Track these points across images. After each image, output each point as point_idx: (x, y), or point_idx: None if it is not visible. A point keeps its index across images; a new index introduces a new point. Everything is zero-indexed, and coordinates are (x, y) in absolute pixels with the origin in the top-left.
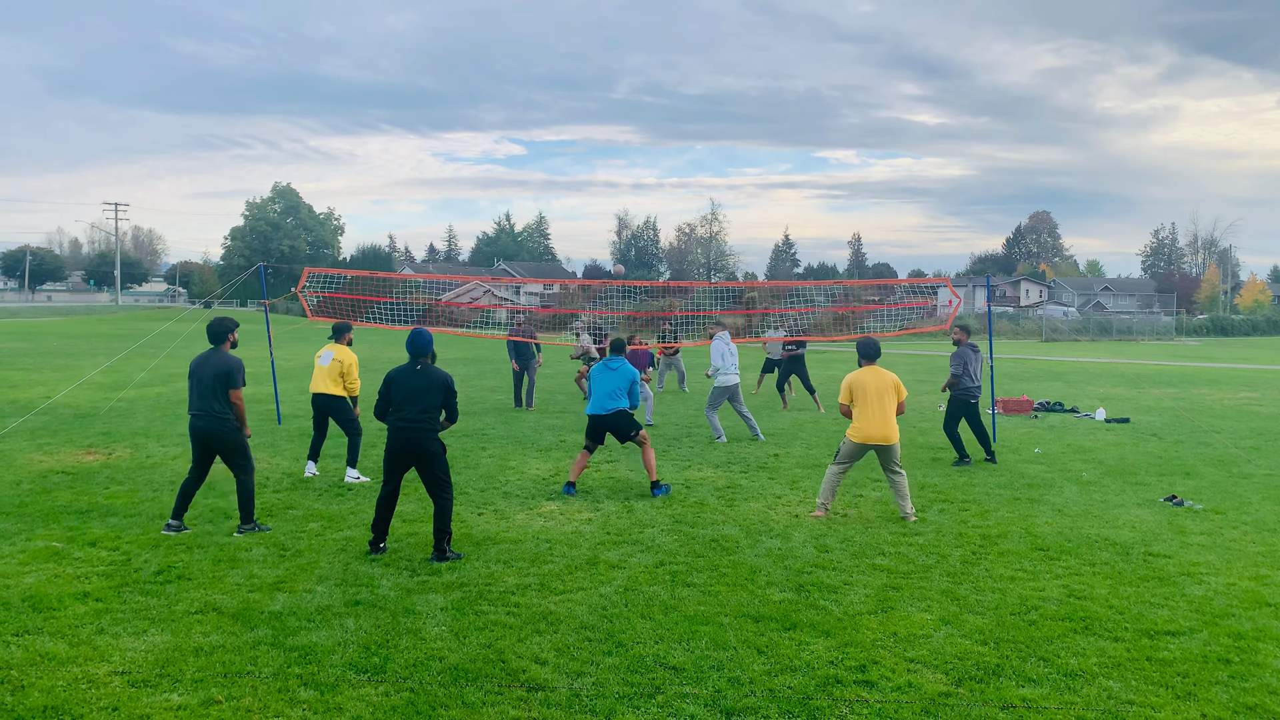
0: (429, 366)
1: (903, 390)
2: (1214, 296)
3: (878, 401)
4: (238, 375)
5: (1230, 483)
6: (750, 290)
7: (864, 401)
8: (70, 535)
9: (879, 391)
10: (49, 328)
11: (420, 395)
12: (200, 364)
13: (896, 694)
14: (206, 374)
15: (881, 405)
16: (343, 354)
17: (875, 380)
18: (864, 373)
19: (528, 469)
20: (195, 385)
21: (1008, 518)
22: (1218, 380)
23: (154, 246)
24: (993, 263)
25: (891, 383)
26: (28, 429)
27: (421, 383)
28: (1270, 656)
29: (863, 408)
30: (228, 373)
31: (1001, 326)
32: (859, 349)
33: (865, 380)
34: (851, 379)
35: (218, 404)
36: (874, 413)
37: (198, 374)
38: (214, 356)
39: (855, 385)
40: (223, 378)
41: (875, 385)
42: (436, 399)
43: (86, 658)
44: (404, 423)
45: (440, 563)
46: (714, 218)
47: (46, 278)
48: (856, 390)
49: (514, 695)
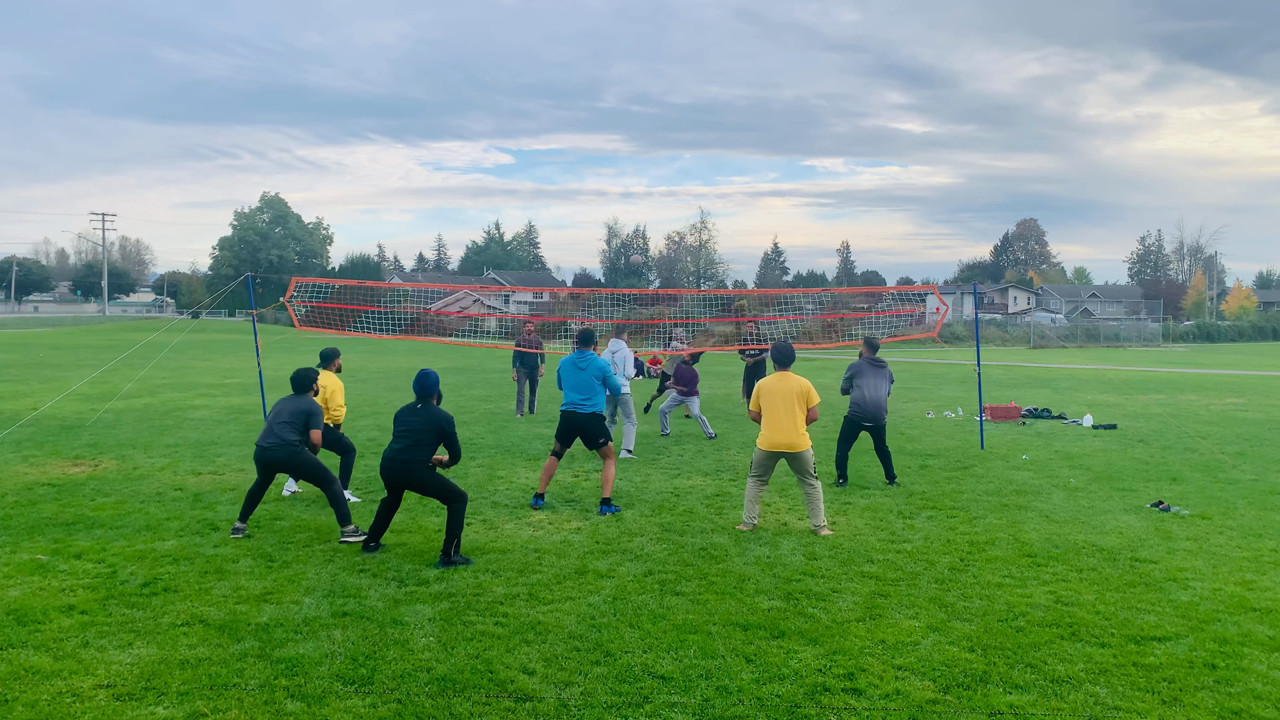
0: (430, 407)
1: (814, 397)
2: (1200, 303)
3: (785, 409)
4: (317, 418)
5: (1216, 488)
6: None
7: (771, 409)
8: (56, 547)
9: (786, 398)
10: (36, 339)
11: (413, 434)
12: (281, 405)
13: (884, 701)
14: (286, 410)
15: (790, 413)
16: (325, 379)
17: (783, 386)
18: (773, 379)
19: (516, 478)
20: (271, 421)
21: (995, 524)
22: (1204, 386)
23: (141, 257)
24: (981, 270)
25: (800, 390)
26: (13, 440)
27: (419, 423)
28: (1256, 661)
29: (770, 415)
30: (309, 413)
31: (989, 333)
32: (772, 354)
33: (773, 386)
34: (760, 385)
35: (291, 434)
36: (781, 420)
37: (278, 412)
38: (299, 400)
39: (763, 391)
40: (302, 415)
41: (782, 392)
42: (430, 439)
43: (71, 671)
44: (392, 456)
45: (445, 568)
46: (703, 226)
47: (33, 288)
48: (764, 397)
49: (502, 706)
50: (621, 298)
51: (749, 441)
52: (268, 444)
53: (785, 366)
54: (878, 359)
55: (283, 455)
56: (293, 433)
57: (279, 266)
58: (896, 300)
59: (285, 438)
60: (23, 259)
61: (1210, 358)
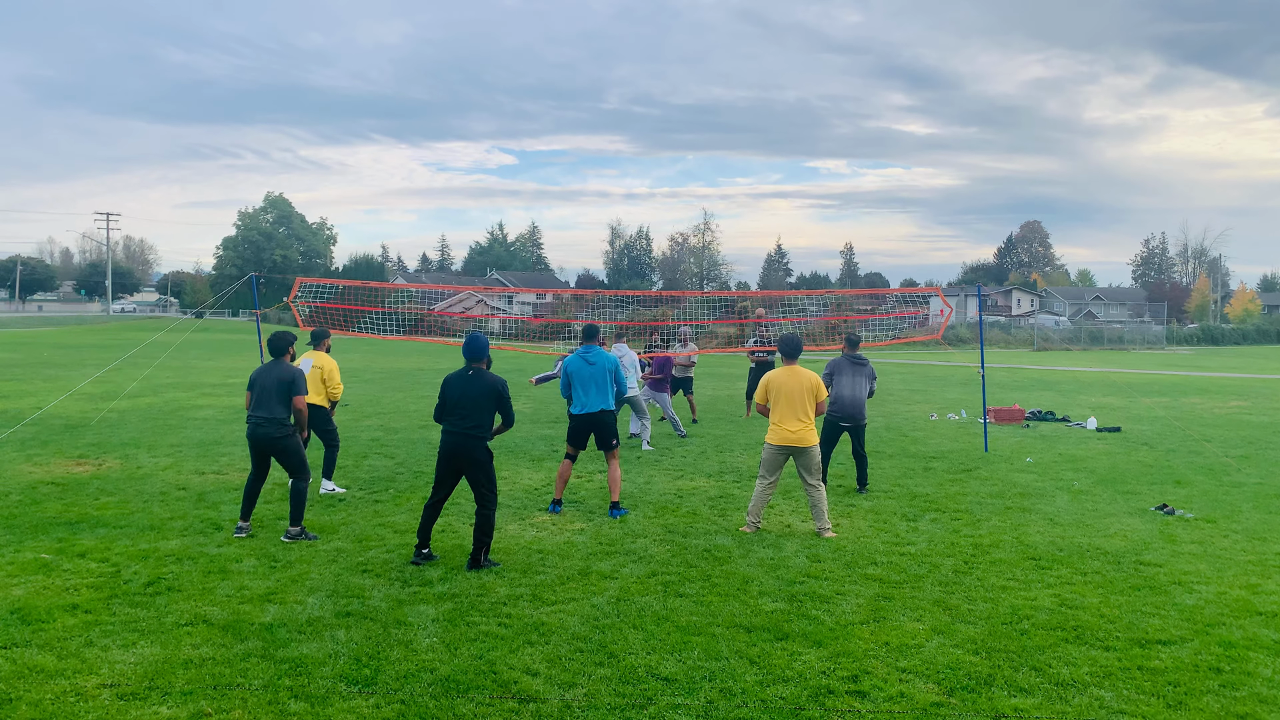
0: (482, 372)
1: (822, 392)
2: (1204, 306)
3: (797, 403)
4: (301, 383)
5: (1221, 491)
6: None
7: (780, 403)
8: (59, 547)
9: (796, 393)
10: (40, 338)
11: (471, 402)
12: (263, 374)
13: (888, 704)
14: (270, 382)
15: (800, 407)
16: (322, 360)
17: (793, 381)
18: (782, 373)
19: (520, 479)
20: (259, 393)
21: (999, 527)
22: (1208, 389)
23: (145, 256)
24: (985, 272)
25: (810, 385)
26: (17, 439)
27: (474, 389)
28: (1261, 665)
29: (778, 409)
30: (291, 380)
31: (993, 336)
32: (780, 346)
33: (783, 380)
34: (769, 378)
35: (280, 409)
36: (790, 415)
37: (261, 382)
38: (276, 368)
39: (772, 385)
40: (286, 385)
41: (793, 386)
42: (488, 405)
43: (75, 670)
44: (453, 429)
45: (475, 570)
46: (706, 227)
47: (37, 288)
48: (774, 391)
49: (505, 707)
50: (625, 299)
51: (752, 443)
52: (260, 417)
53: (793, 359)
54: (858, 356)
55: (274, 433)
56: (281, 407)
57: (283, 266)
58: (900, 302)
59: (275, 414)
60: (27, 258)
61: (1214, 361)
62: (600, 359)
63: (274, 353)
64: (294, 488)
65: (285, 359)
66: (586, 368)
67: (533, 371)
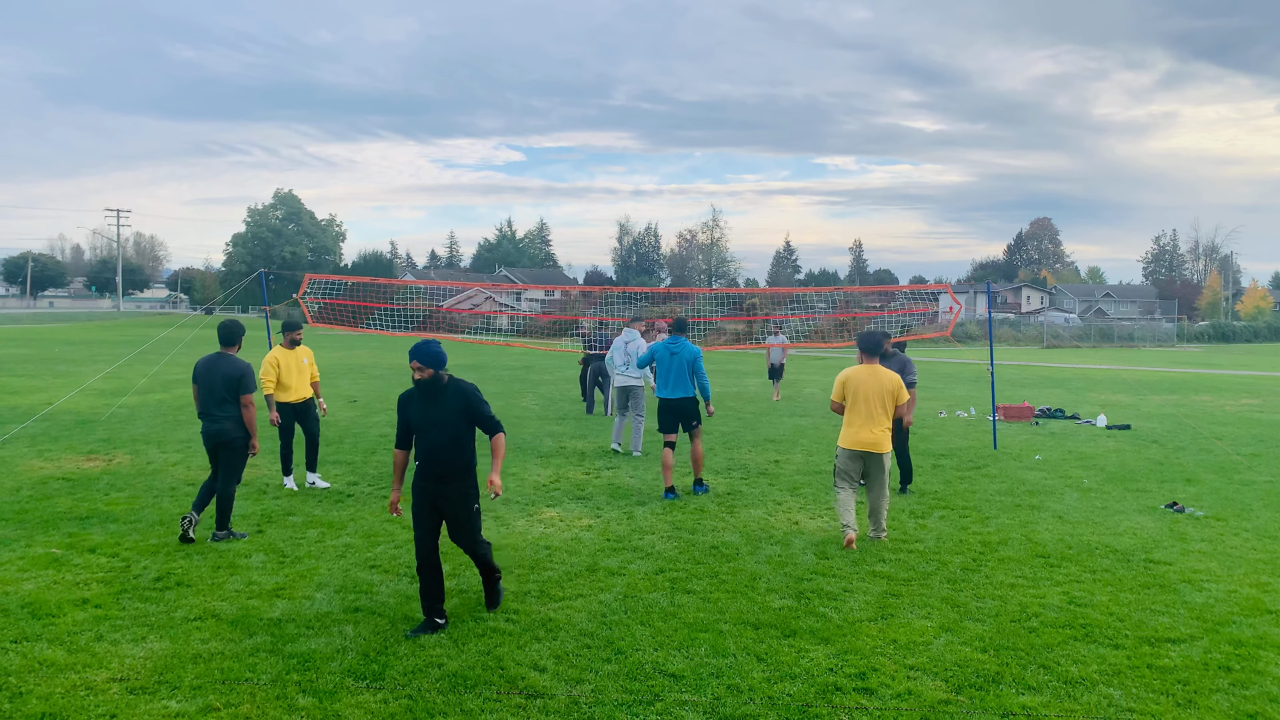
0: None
1: (903, 394)
2: (1215, 303)
3: (877, 404)
4: (249, 379)
5: (1231, 489)
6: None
7: (858, 404)
8: (70, 542)
9: (876, 395)
10: (51, 334)
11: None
12: (208, 368)
13: (896, 701)
14: (216, 379)
15: (880, 409)
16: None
17: (873, 381)
18: (861, 370)
19: (528, 475)
20: (204, 389)
21: (1008, 524)
22: (1219, 387)
23: (155, 253)
24: (994, 269)
25: (891, 387)
26: (28, 435)
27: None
28: (1271, 664)
29: (855, 411)
30: (239, 378)
31: (1003, 333)
32: (859, 342)
33: (863, 379)
34: (847, 376)
35: (229, 406)
36: (867, 417)
37: (205, 378)
38: (222, 361)
39: (850, 384)
40: (233, 383)
41: (873, 387)
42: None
43: (85, 665)
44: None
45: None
46: (715, 224)
47: (48, 284)
48: (851, 390)
49: (512, 702)
50: (633, 295)
51: (760, 441)
52: (216, 416)
53: (874, 357)
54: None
55: (218, 429)
56: (232, 405)
57: (292, 263)
58: (909, 299)
59: (216, 410)
60: (38, 254)
61: (1225, 358)
62: (684, 350)
63: (223, 343)
64: (222, 491)
65: (233, 350)
66: (670, 358)
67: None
